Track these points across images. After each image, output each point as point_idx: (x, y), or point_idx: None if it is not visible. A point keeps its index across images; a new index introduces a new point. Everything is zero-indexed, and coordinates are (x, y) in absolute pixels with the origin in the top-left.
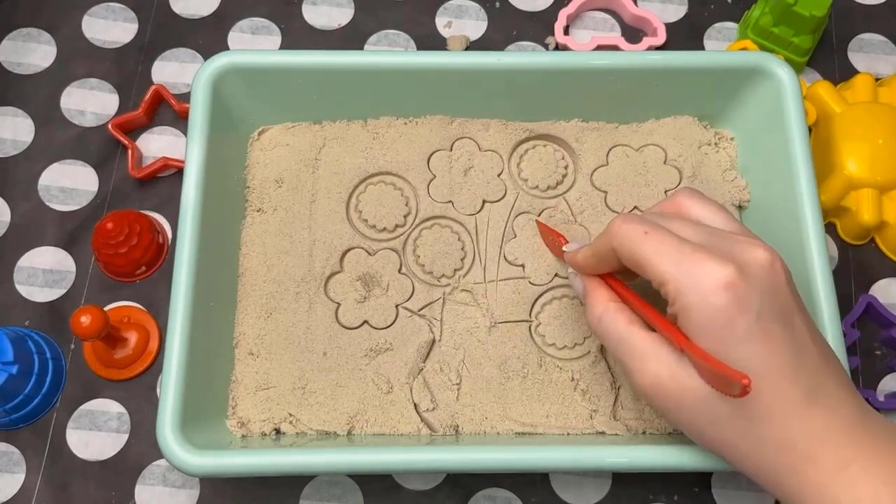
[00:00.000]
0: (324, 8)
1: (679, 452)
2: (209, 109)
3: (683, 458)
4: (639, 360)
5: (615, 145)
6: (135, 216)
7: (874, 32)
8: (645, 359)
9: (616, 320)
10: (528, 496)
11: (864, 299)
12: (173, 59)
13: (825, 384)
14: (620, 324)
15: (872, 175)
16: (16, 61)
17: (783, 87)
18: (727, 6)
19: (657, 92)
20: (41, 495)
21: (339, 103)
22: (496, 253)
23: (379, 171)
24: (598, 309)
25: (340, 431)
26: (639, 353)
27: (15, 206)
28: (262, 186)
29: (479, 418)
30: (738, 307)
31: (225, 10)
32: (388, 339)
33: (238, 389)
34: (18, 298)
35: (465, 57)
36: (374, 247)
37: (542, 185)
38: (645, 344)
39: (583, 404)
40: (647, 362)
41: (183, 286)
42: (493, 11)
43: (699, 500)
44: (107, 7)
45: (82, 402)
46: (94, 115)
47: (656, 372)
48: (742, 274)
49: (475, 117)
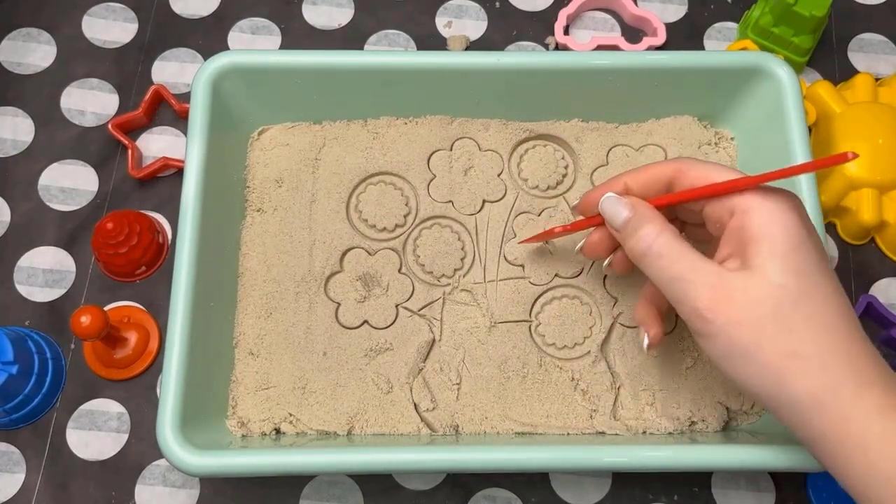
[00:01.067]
0: (324, 8)
1: (679, 452)
2: (209, 109)
3: (683, 458)
4: (700, 282)
5: (615, 145)
6: (135, 216)
7: (874, 32)
8: (706, 278)
9: (667, 245)
10: (528, 496)
11: (864, 299)
12: (173, 59)
13: None
14: (673, 247)
15: (872, 175)
16: (16, 61)
17: (783, 87)
18: (727, 6)
19: (657, 92)
20: (41, 495)
21: (339, 103)
22: (496, 253)
23: (379, 171)
24: (648, 237)
25: (340, 431)
26: (699, 274)
27: (15, 206)
28: (262, 186)
29: (479, 418)
30: (809, 229)
31: (225, 10)
32: (388, 339)
33: (238, 389)
34: (18, 298)
35: (465, 57)
36: (374, 247)
37: (542, 185)
38: (706, 265)
39: (583, 404)
40: (707, 278)
41: (183, 286)
42: (493, 11)
43: (699, 500)
44: (107, 7)
45: (82, 402)
46: (94, 115)
47: (717, 285)
48: None
49: (475, 117)
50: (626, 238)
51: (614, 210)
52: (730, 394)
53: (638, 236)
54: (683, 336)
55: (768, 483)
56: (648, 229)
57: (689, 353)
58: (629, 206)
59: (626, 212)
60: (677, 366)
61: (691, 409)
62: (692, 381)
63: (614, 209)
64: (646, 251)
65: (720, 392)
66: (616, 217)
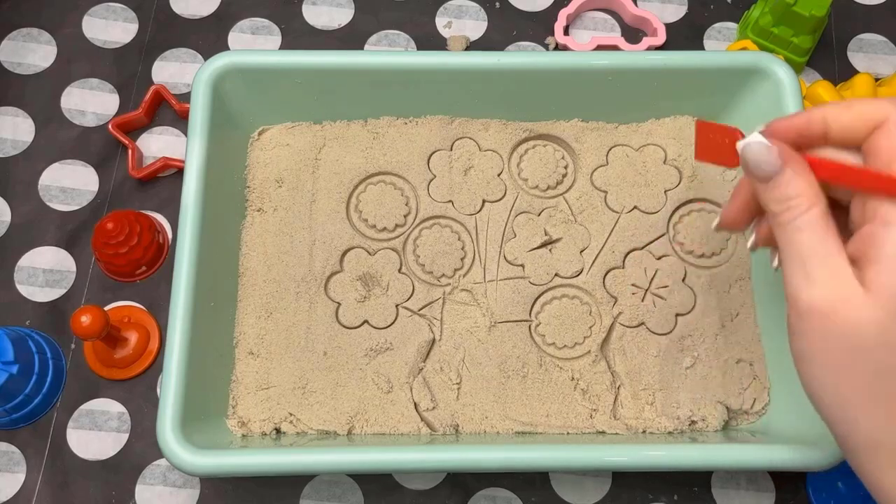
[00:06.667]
0: (324, 8)
1: (679, 452)
2: (209, 109)
3: (683, 457)
4: (821, 280)
5: (615, 145)
6: (135, 216)
7: (874, 32)
8: (829, 281)
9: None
10: (528, 496)
11: None
12: (173, 59)
13: None
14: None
15: None
16: (16, 61)
17: (783, 87)
18: (727, 6)
19: (657, 92)
20: (41, 495)
21: (339, 103)
22: (496, 253)
23: (379, 171)
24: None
25: (340, 431)
26: (826, 271)
27: (15, 206)
28: (263, 186)
29: (479, 418)
30: None
31: (225, 10)
32: (389, 339)
33: (238, 389)
34: (19, 298)
35: (465, 57)
36: (374, 246)
37: (542, 185)
38: (840, 267)
39: (583, 404)
40: (830, 280)
41: (183, 286)
42: (493, 11)
43: (699, 500)
44: (107, 7)
45: (82, 402)
46: (95, 115)
47: (832, 289)
48: None
49: (475, 117)
50: (769, 200)
51: (764, 158)
52: (730, 394)
53: (785, 203)
54: (683, 336)
55: (768, 483)
56: (800, 200)
57: (689, 353)
58: (786, 159)
59: (778, 164)
60: (677, 366)
61: (691, 408)
62: (692, 380)
63: (764, 158)
64: (788, 221)
65: (720, 392)
66: (763, 167)
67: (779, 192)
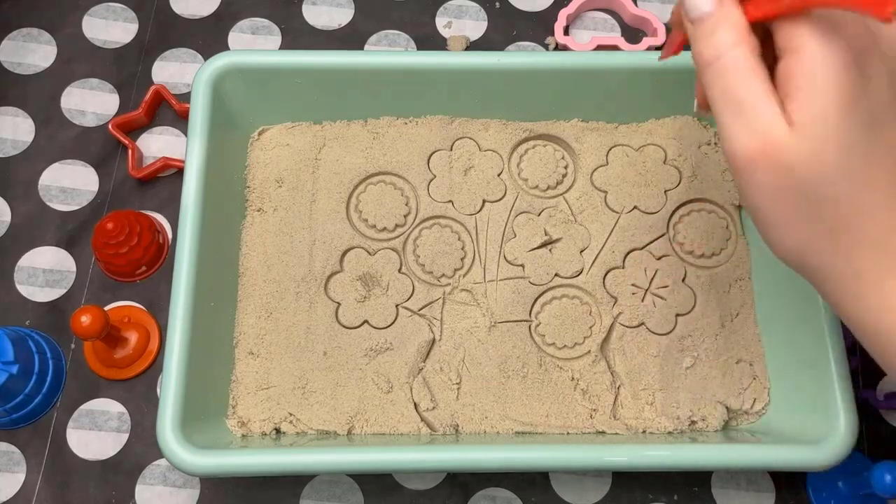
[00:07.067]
0: (324, 8)
1: (679, 452)
2: (209, 109)
3: (683, 458)
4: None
5: (615, 145)
6: (135, 216)
7: None
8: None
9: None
10: (528, 496)
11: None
12: (173, 59)
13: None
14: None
15: None
16: (16, 61)
17: None
18: None
19: (657, 92)
20: (41, 495)
21: (339, 103)
22: (496, 253)
23: (379, 171)
24: (721, 44)
25: (340, 431)
26: (756, 112)
27: (15, 206)
28: (263, 186)
29: (479, 418)
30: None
31: (225, 10)
32: (388, 339)
33: (238, 389)
34: (19, 298)
35: (465, 57)
36: (374, 246)
37: (542, 185)
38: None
39: (583, 404)
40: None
41: (183, 286)
42: (493, 11)
43: (699, 500)
44: (107, 7)
45: (82, 402)
46: (95, 115)
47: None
48: None
49: (475, 117)
50: (698, 38)
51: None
52: (730, 394)
53: (711, 41)
54: (683, 336)
55: (768, 483)
56: (725, 36)
57: (688, 353)
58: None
59: (708, 5)
60: (677, 366)
61: (691, 408)
62: (692, 380)
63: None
64: (712, 60)
65: (720, 392)
66: (694, 7)
67: (709, 27)
